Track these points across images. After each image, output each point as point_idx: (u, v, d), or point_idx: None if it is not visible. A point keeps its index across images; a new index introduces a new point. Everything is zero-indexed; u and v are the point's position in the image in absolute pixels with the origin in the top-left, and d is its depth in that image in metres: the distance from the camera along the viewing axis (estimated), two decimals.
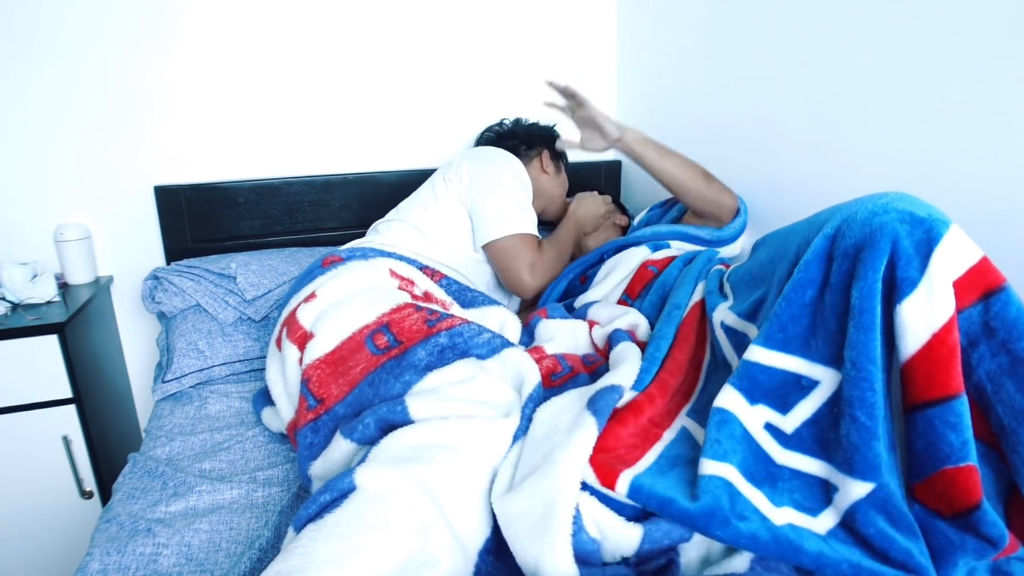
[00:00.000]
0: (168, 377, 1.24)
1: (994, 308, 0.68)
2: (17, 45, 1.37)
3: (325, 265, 1.07)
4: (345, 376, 0.90)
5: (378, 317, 0.95)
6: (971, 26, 0.94)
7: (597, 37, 1.88)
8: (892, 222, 0.69)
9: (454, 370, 0.87)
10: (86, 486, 1.29)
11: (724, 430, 0.74)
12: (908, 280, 0.67)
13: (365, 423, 0.79)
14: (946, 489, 0.65)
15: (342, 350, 0.92)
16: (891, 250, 0.68)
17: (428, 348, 0.89)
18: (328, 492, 0.66)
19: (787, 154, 1.32)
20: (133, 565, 0.76)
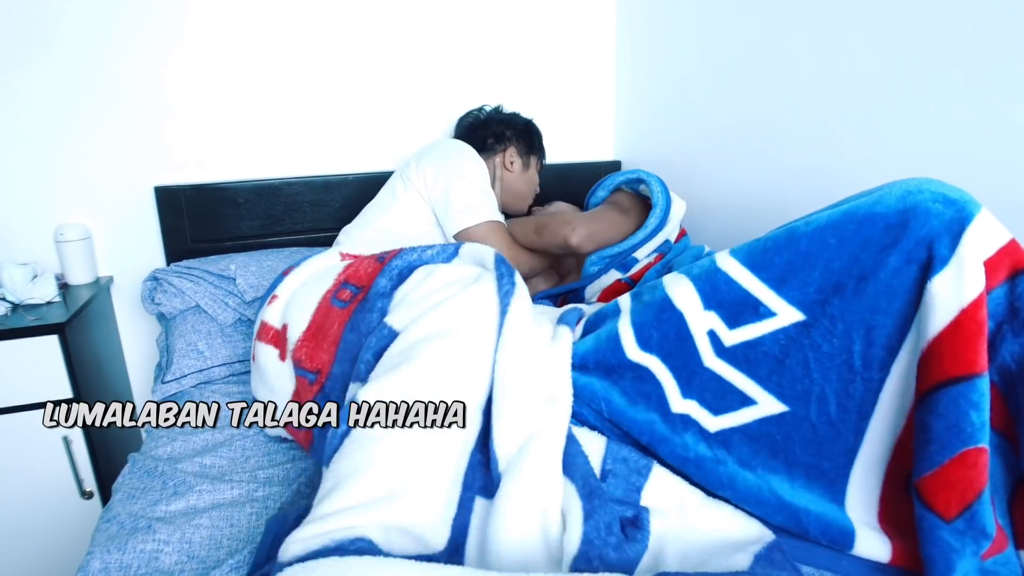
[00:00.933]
0: (168, 378, 1.24)
1: (1020, 288, 0.69)
2: (18, 46, 1.37)
3: (285, 274, 1.09)
4: (326, 339, 0.92)
5: (335, 279, 0.98)
6: (972, 23, 0.94)
7: (597, 37, 1.89)
8: (926, 201, 0.70)
9: (415, 277, 0.91)
10: (86, 486, 1.29)
11: (664, 324, 0.83)
12: (940, 257, 0.68)
13: (365, 360, 0.82)
14: (962, 476, 0.65)
15: (315, 321, 0.94)
16: (925, 228, 0.69)
17: (386, 276, 0.93)
18: (344, 423, 0.73)
19: (786, 152, 1.32)
20: (135, 563, 0.76)
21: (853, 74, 1.14)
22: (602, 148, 2.00)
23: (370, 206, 1.41)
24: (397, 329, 0.82)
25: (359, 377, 0.82)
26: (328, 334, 0.92)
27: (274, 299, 1.02)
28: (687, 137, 1.64)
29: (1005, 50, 0.90)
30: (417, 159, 1.37)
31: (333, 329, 0.92)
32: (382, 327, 0.83)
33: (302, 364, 0.92)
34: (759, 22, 1.34)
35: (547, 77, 1.85)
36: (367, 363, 0.82)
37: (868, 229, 0.73)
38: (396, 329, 0.82)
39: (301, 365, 0.92)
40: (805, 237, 0.77)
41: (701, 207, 1.55)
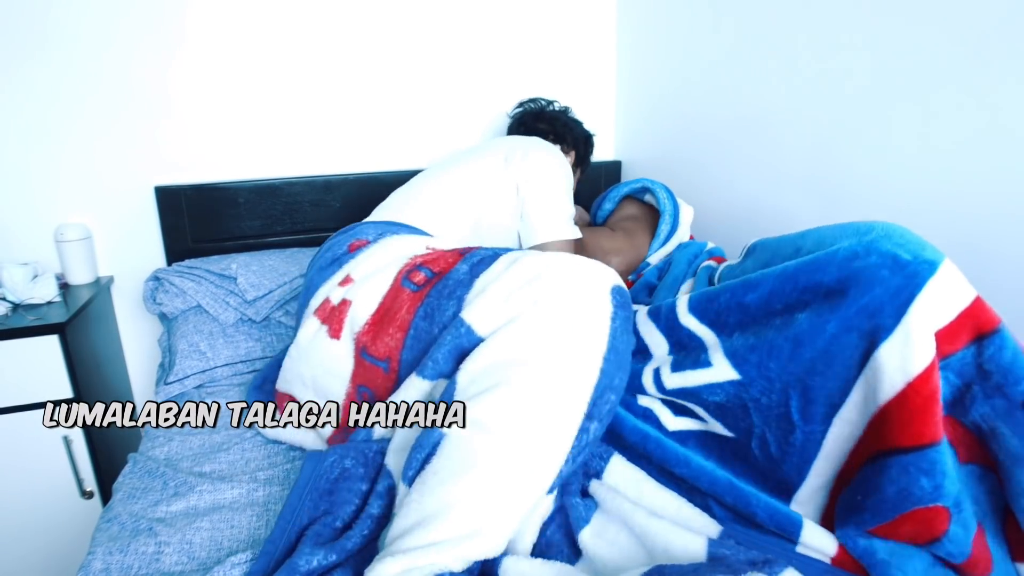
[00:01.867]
0: (170, 379, 1.24)
1: (987, 351, 0.67)
2: (18, 47, 1.37)
3: (352, 250, 1.02)
4: (393, 323, 0.87)
5: (411, 259, 0.93)
6: (972, 22, 0.94)
7: (597, 37, 1.89)
8: (871, 268, 0.68)
9: (497, 266, 0.84)
10: (87, 486, 1.29)
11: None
12: (884, 327, 0.66)
13: (435, 359, 0.79)
14: (915, 527, 0.66)
15: (384, 304, 0.89)
16: (867, 296, 0.68)
17: (467, 263, 0.87)
18: (422, 449, 0.72)
19: (787, 152, 1.32)
20: (135, 564, 0.76)
21: (854, 74, 1.14)
22: (602, 148, 1.99)
23: (459, 183, 1.22)
24: (479, 333, 0.77)
25: (425, 374, 0.79)
26: (395, 318, 0.86)
27: (348, 282, 0.94)
28: (687, 137, 1.64)
29: (1006, 49, 0.90)
30: (523, 150, 1.25)
31: (401, 313, 0.86)
32: (459, 324, 0.78)
33: (369, 350, 0.87)
34: (759, 22, 1.34)
35: (547, 77, 1.85)
36: (435, 361, 0.79)
37: (809, 295, 0.73)
38: (478, 333, 0.77)
39: (368, 351, 0.87)
40: (753, 295, 0.78)
41: (701, 207, 1.55)
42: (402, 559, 0.64)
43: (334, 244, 1.06)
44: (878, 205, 1.12)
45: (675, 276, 1.18)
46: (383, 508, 0.77)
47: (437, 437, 0.72)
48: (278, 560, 0.72)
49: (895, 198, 1.09)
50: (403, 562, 0.63)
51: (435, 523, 0.66)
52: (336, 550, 0.71)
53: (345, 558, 0.72)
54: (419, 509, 0.68)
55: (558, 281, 0.78)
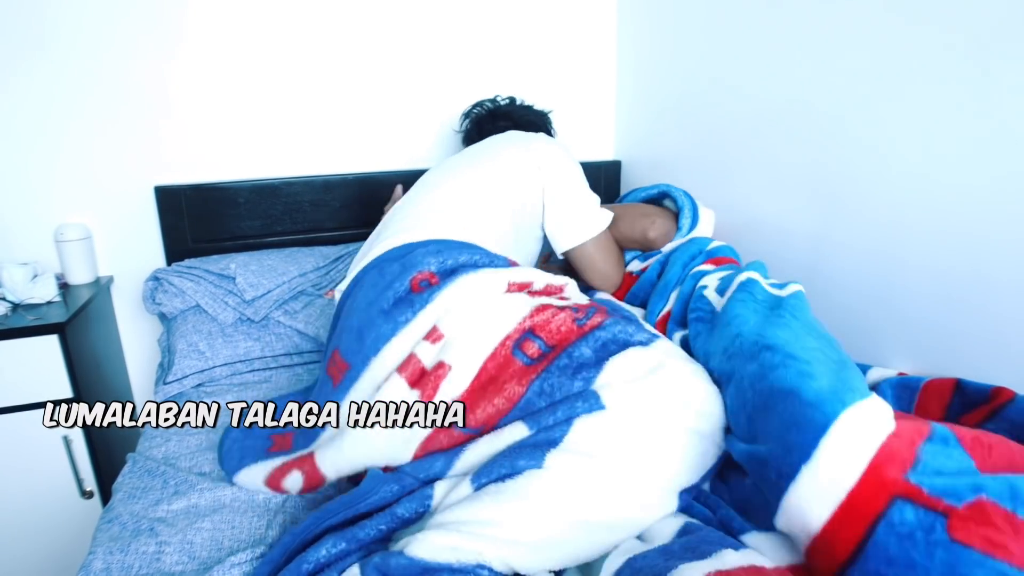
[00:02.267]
0: (169, 379, 1.24)
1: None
2: (18, 46, 1.37)
3: (417, 288, 0.90)
4: (499, 392, 0.82)
5: (519, 324, 0.87)
6: (975, 28, 0.94)
7: (597, 37, 1.89)
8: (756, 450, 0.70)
9: (632, 356, 0.83)
10: (86, 486, 1.29)
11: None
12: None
13: (556, 415, 0.78)
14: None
15: (487, 369, 0.83)
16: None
17: (590, 344, 0.84)
18: (512, 466, 0.72)
19: (788, 152, 1.32)
20: (136, 564, 0.76)
21: (855, 75, 1.14)
22: (602, 148, 2.00)
23: (485, 190, 1.14)
24: (608, 404, 0.78)
25: (540, 426, 0.78)
26: (503, 388, 0.82)
27: (438, 337, 0.86)
28: (688, 137, 1.64)
29: (1008, 50, 0.90)
30: (548, 150, 1.23)
31: (511, 384, 0.82)
32: (592, 396, 0.78)
33: (466, 419, 0.82)
34: (760, 21, 1.34)
35: (547, 77, 1.85)
36: (557, 421, 0.77)
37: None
38: (606, 404, 0.78)
39: (465, 421, 0.82)
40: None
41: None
42: (455, 535, 0.65)
43: (388, 274, 0.94)
44: (878, 205, 1.12)
45: (667, 282, 1.19)
46: (413, 512, 0.74)
47: (532, 466, 0.72)
48: (289, 555, 0.71)
49: (895, 200, 1.09)
50: (455, 538, 0.65)
51: (496, 526, 0.68)
52: (346, 538, 0.70)
53: (356, 547, 0.70)
54: (487, 511, 0.69)
55: (684, 385, 0.82)
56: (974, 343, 0.99)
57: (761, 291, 0.99)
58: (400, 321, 0.87)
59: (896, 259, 1.10)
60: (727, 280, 1.06)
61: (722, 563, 0.60)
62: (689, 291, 1.12)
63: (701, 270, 1.17)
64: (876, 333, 1.15)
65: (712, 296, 1.04)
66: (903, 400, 0.93)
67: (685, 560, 0.60)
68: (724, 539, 0.65)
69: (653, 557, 0.63)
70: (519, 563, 0.67)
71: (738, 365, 0.81)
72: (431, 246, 0.98)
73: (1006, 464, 0.64)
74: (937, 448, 0.63)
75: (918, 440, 0.63)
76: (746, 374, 0.78)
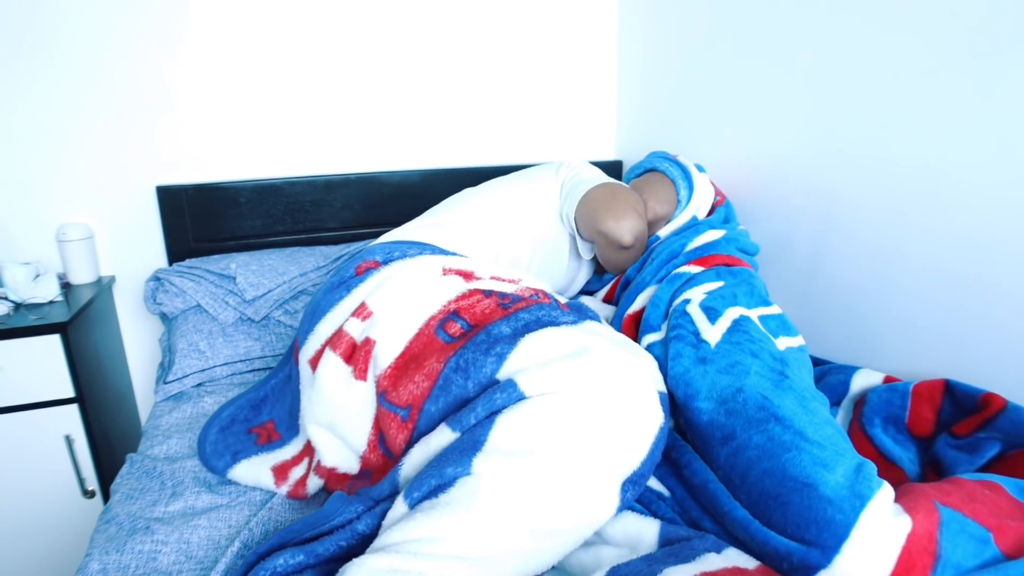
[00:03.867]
0: (170, 378, 1.25)
1: None
2: (20, 46, 1.38)
3: (360, 272, 0.96)
4: (420, 370, 0.83)
5: (444, 306, 0.87)
6: (971, 23, 0.93)
7: (598, 36, 1.88)
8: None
9: (547, 335, 0.80)
10: (88, 485, 1.30)
11: None
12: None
13: (476, 412, 0.75)
14: None
15: (411, 348, 0.85)
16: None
17: (510, 324, 0.83)
18: (440, 476, 0.70)
19: (788, 152, 1.31)
20: (132, 564, 0.76)
21: (858, 71, 1.13)
22: (603, 147, 1.99)
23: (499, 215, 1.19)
24: (527, 394, 0.75)
25: (463, 427, 0.75)
26: (423, 365, 0.82)
27: (367, 315, 0.88)
28: (689, 137, 1.64)
29: (1009, 41, 0.89)
30: (568, 164, 1.29)
31: (430, 361, 0.82)
32: (510, 386, 0.75)
33: (388, 396, 0.83)
34: (762, 21, 1.34)
35: (548, 76, 1.85)
36: (478, 418, 0.75)
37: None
38: (525, 393, 0.75)
39: (387, 397, 0.83)
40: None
41: None
42: (394, 557, 0.63)
43: (341, 268, 1.02)
44: (878, 206, 1.12)
45: (642, 280, 1.14)
46: (372, 528, 0.74)
47: (461, 474, 0.69)
48: (250, 563, 0.71)
49: (895, 199, 1.08)
50: (394, 561, 0.62)
51: (434, 543, 0.65)
52: (305, 551, 0.69)
53: (315, 561, 0.69)
54: (423, 529, 0.66)
55: (608, 364, 0.77)
56: (974, 344, 0.98)
57: (757, 333, 0.94)
58: (335, 298, 0.93)
59: (896, 260, 1.09)
60: (715, 302, 1.00)
61: (706, 566, 0.60)
62: (667, 297, 1.07)
63: (682, 272, 1.12)
64: (876, 333, 1.14)
65: (696, 314, 0.98)
66: (894, 406, 0.93)
67: (669, 564, 0.60)
68: (706, 543, 0.65)
69: (637, 564, 0.63)
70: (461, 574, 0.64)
71: (740, 427, 0.78)
72: (388, 246, 1.03)
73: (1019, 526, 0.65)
74: (955, 532, 0.63)
75: (935, 531, 0.63)
76: (752, 444, 0.75)
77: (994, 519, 0.65)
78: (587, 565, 0.71)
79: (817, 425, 0.75)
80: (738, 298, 1.02)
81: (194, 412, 1.15)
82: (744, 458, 0.75)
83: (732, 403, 0.81)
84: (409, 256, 0.99)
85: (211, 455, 0.95)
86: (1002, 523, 0.65)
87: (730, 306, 0.99)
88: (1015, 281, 0.91)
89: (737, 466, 0.75)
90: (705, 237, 1.20)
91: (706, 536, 0.66)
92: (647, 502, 0.80)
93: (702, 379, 0.86)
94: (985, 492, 0.69)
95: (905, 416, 0.91)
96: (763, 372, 0.85)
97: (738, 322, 0.95)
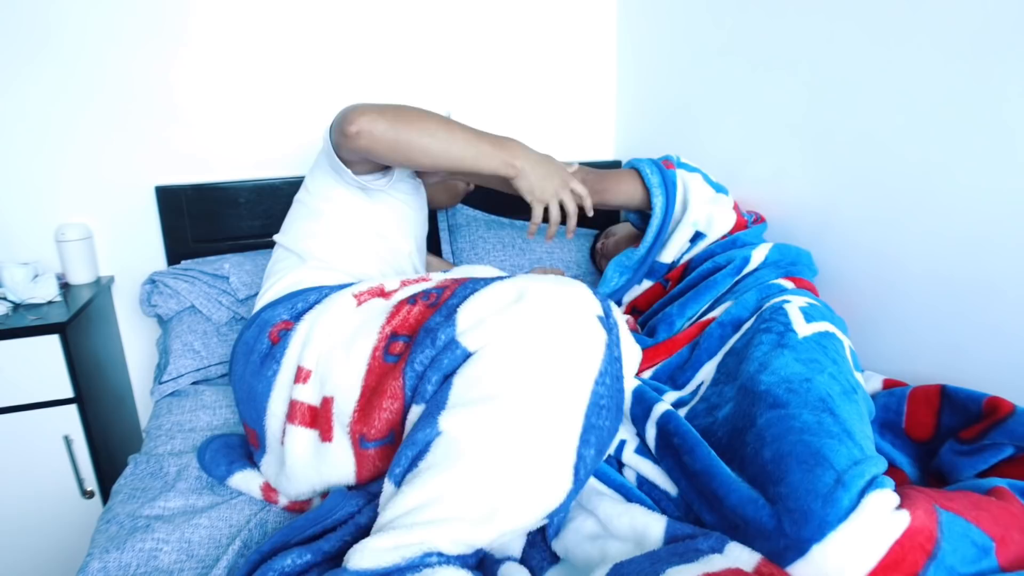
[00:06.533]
0: (164, 378, 1.24)
1: None
2: (19, 46, 1.38)
3: (277, 341, 0.91)
4: (384, 396, 0.81)
5: (380, 332, 0.85)
6: (973, 24, 0.94)
7: (597, 37, 1.89)
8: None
9: (480, 296, 0.81)
10: (87, 486, 1.29)
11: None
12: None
13: (432, 381, 0.76)
14: None
15: (368, 385, 0.83)
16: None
17: (442, 312, 0.83)
18: (414, 446, 0.71)
19: (788, 152, 1.32)
20: (134, 562, 0.76)
21: (856, 73, 1.14)
22: (602, 148, 2.00)
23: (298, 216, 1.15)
24: (470, 349, 0.75)
25: (425, 399, 0.76)
26: (384, 391, 0.80)
27: (306, 375, 0.85)
28: (688, 137, 1.64)
29: (1009, 43, 0.90)
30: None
31: (389, 384, 0.80)
32: (454, 346, 0.76)
33: (367, 437, 0.81)
34: (761, 22, 1.34)
35: (548, 76, 1.85)
36: (436, 385, 0.76)
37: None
38: (469, 349, 0.75)
39: (368, 438, 0.81)
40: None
41: None
42: (393, 535, 0.63)
43: (249, 341, 0.95)
44: (878, 206, 1.12)
45: (745, 303, 1.08)
46: (372, 519, 0.74)
47: (432, 435, 0.70)
48: (254, 563, 0.71)
49: (895, 199, 1.08)
50: (394, 538, 0.62)
51: (428, 508, 0.65)
52: (312, 550, 0.69)
53: (321, 559, 0.69)
54: (412, 499, 0.66)
55: (543, 299, 0.77)
56: (972, 347, 0.98)
57: (843, 354, 0.93)
58: (269, 375, 0.89)
59: (894, 264, 1.10)
60: (815, 311, 0.99)
61: (709, 566, 0.60)
62: (754, 301, 1.06)
63: (778, 284, 1.11)
64: (874, 337, 1.15)
65: (793, 312, 0.97)
66: (891, 411, 0.93)
67: (672, 564, 0.60)
68: (710, 542, 0.65)
69: (640, 562, 0.63)
70: (471, 538, 0.65)
71: (795, 404, 0.78)
72: (284, 301, 0.97)
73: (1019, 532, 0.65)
74: (956, 536, 0.63)
75: (935, 529, 0.63)
76: (800, 418, 0.75)
77: (999, 528, 0.65)
78: (592, 558, 0.71)
79: (865, 438, 0.76)
80: (834, 322, 1.00)
81: (195, 412, 1.15)
82: (786, 426, 0.75)
83: (796, 386, 0.81)
84: (313, 302, 0.95)
85: (209, 463, 0.95)
86: (1007, 534, 0.65)
87: (830, 322, 0.97)
88: (1013, 284, 0.92)
89: (774, 428, 0.75)
90: (762, 251, 1.18)
91: (710, 534, 0.66)
92: (656, 499, 0.80)
93: (776, 360, 0.86)
94: (991, 500, 0.68)
95: (902, 421, 0.92)
96: (837, 378, 0.84)
97: (832, 335, 0.94)
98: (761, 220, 1.34)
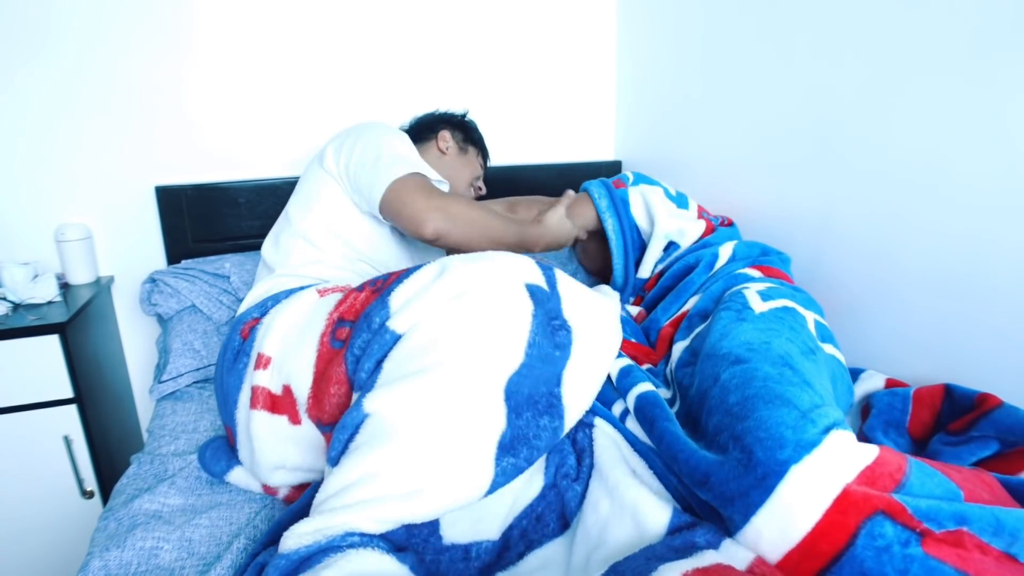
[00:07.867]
0: (164, 378, 1.24)
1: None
2: (19, 45, 1.38)
3: (247, 336, 0.96)
4: (331, 382, 0.83)
5: (327, 318, 0.87)
6: (974, 25, 0.94)
7: (597, 37, 1.89)
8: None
9: (409, 281, 0.82)
10: (87, 486, 1.29)
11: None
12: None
13: (366, 369, 0.78)
14: None
15: (318, 371, 0.85)
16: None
17: (384, 296, 0.84)
18: (345, 430, 0.72)
19: (788, 152, 1.32)
20: (134, 561, 0.76)
21: (854, 74, 1.14)
22: (602, 148, 2.00)
23: (296, 204, 1.17)
24: (399, 332, 0.77)
25: (360, 386, 0.78)
26: (331, 378, 0.82)
27: (265, 361, 0.88)
28: (688, 137, 1.64)
29: (1009, 45, 0.90)
30: (326, 145, 1.18)
31: (334, 369, 0.82)
32: (383, 331, 0.78)
33: (323, 421, 0.83)
34: (761, 22, 1.34)
35: (547, 77, 1.85)
36: (368, 371, 0.77)
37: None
38: (397, 332, 0.77)
39: (324, 422, 0.83)
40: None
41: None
42: (317, 519, 0.64)
43: (226, 341, 1.01)
44: (878, 206, 1.12)
45: (712, 293, 1.11)
46: None
47: (360, 418, 0.71)
48: (254, 553, 0.72)
49: (895, 199, 1.09)
50: (317, 522, 0.64)
51: (353, 489, 0.66)
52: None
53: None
54: (341, 479, 0.68)
55: (464, 275, 0.79)
56: (972, 346, 0.98)
57: (804, 325, 0.94)
58: (240, 370, 0.92)
59: (894, 264, 1.10)
60: (773, 292, 1.01)
61: (700, 561, 0.60)
62: (719, 290, 1.08)
63: (744, 273, 1.13)
64: (875, 338, 1.15)
65: (751, 296, 1.00)
66: (895, 410, 0.94)
67: (666, 560, 0.60)
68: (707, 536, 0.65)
69: (636, 559, 0.63)
70: (396, 515, 0.66)
71: (756, 360, 0.79)
72: (261, 305, 1.01)
73: (992, 498, 0.65)
74: (926, 475, 0.65)
75: (904, 464, 0.65)
76: (761, 370, 0.77)
77: (969, 485, 0.66)
78: (592, 537, 0.71)
79: (825, 391, 0.77)
80: (796, 300, 1.02)
81: (199, 412, 1.15)
82: (749, 376, 0.76)
83: (756, 346, 0.83)
84: (283, 299, 0.99)
85: (209, 460, 0.96)
86: (975, 491, 0.65)
87: (787, 299, 1.00)
88: (1013, 283, 0.92)
89: (737, 379, 0.77)
90: (728, 247, 1.21)
91: (709, 527, 0.66)
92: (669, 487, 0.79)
93: (735, 329, 0.88)
94: (964, 467, 0.70)
95: (906, 421, 0.92)
96: (794, 341, 0.86)
97: (790, 309, 0.97)
98: (729, 223, 1.38)
